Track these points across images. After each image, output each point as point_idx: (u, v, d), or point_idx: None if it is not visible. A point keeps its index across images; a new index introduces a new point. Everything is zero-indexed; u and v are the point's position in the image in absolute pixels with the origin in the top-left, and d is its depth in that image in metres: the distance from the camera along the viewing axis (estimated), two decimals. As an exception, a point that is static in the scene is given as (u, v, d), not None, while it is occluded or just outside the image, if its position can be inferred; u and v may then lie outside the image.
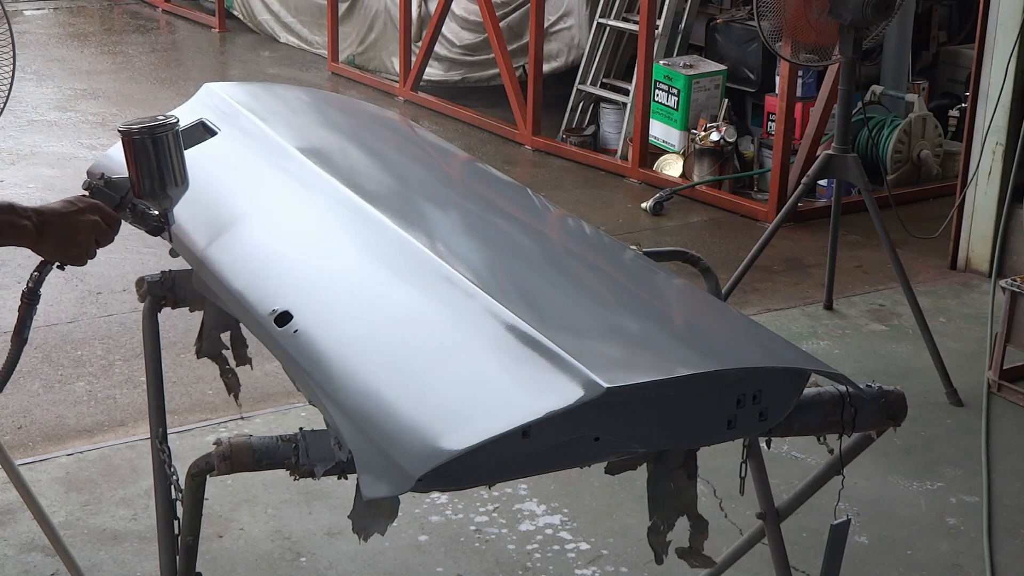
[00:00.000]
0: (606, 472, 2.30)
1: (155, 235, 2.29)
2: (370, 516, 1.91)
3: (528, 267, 2.31)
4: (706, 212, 6.48)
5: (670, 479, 2.24)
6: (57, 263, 2.16)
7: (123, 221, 2.24)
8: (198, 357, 2.88)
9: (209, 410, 4.18)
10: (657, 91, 6.90)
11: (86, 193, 2.21)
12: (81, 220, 2.10)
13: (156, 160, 2.17)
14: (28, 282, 2.21)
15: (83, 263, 2.15)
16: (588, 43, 7.53)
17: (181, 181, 2.22)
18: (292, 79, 8.92)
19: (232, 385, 2.93)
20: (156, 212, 2.25)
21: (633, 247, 2.55)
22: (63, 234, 2.09)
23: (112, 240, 2.17)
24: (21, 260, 5.45)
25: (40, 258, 2.17)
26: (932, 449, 4.06)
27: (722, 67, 6.96)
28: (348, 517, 1.94)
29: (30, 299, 2.22)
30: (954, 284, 5.51)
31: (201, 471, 2.02)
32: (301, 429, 1.95)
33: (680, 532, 2.36)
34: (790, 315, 5.12)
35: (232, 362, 2.89)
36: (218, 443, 1.94)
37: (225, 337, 2.84)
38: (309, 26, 9.90)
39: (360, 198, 2.37)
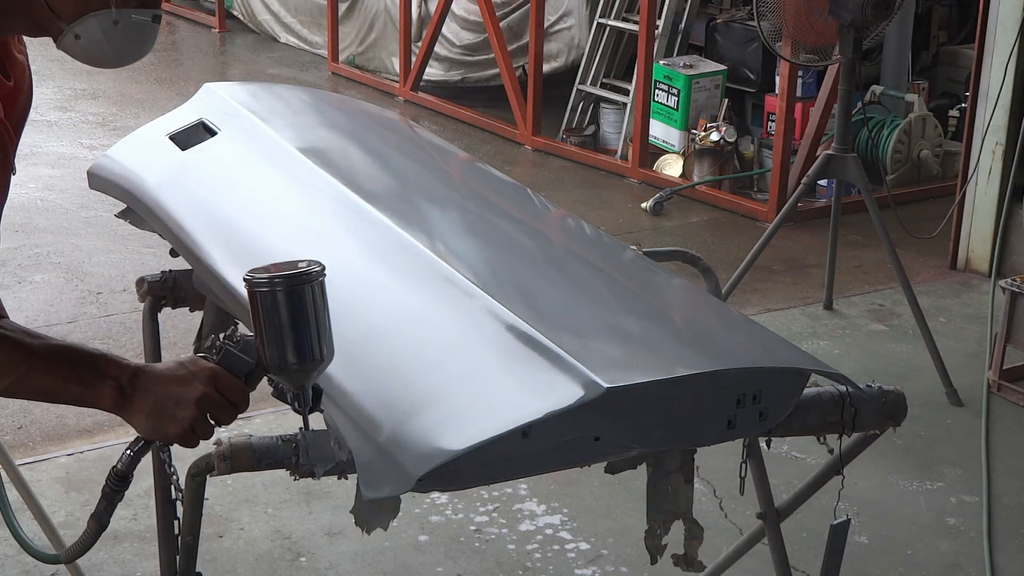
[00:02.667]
0: (606, 472, 2.30)
1: (303, 414, 1.76)
2: (373, 512, 1.91)
3: (528, 267, 2.31)
4: (706, 212, 6.48)
5: (667, 482, 2.24)
6: (156, 441, 1.76)
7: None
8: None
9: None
10: (657, 91, 6.90)
11: (209, 356, 1.73)
12: (184, 391, 1.69)
13: (294, 321, 1.63)
14: (117, 462, 1.80)
15: (191, 444, 1.72)
16: (588, 43, 7.53)
17: (322, 353, 1.67)
18: (292, 79, 8.92)
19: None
20: (290, 390, 1.72)
21: (633, 247, 2.55)
22: (159, 405, 1.70)
23: (236, 415, 1.72)
24: (21, 260, 5.46)
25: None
26: (932, 449, 4.06)
27: (722, 67, 6.96)
28: (351, 512, 1.94)
29: (116, 483, 1.83)
30: (954, 284, 5.51)
31: (201, 471, 2.02)
32: (301, 429, 1.95)
33: (679, 535, 2.36)
34: (790, 315, 5.12)
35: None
36: (218, 443, 1.93)
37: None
38: (309, 26, 9.90)
39: (360, 198, 2.37)
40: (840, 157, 4.60)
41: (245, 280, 1.65)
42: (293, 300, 1.62)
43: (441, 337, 1.97)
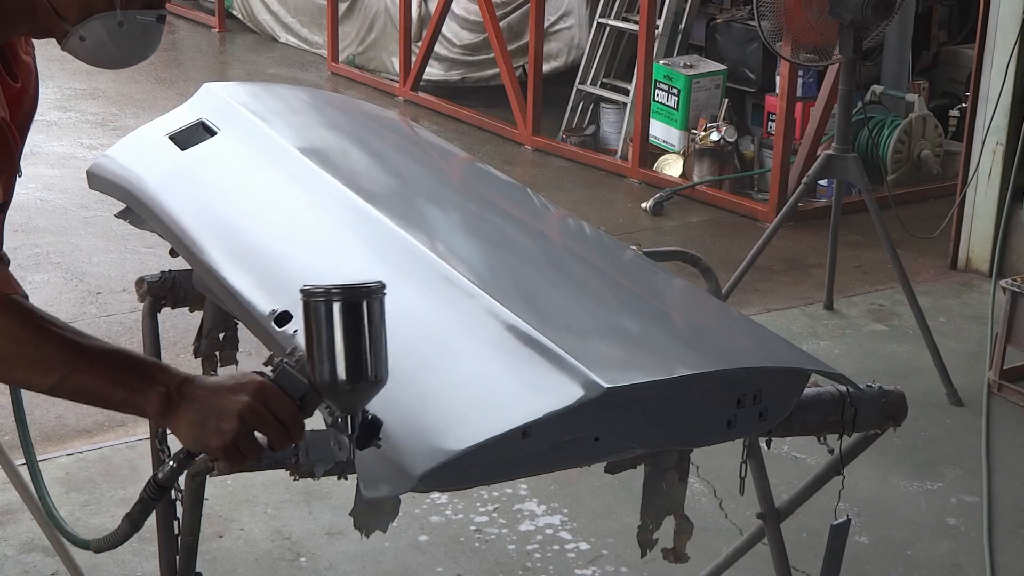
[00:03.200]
0: (606, 472, 2.30)
1: (362, 448, 1.66)
2: (372, 513, 1.91)
3: (528, 267, 2.31)
4: (706, 212, 6.48)
5: (663, 479, 2.24)
6: (199, 455, 1.69)
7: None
8: (196, 356, 2.88)
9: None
10: (657, 91, 6.90)
11: (265, 372, 1.66)
12: (232, 401, 1.62)
13: (344, 337, 1.56)
14: (158, 471, 1.74)
15: (236, 463, 1.65)
16: (588, 43, 7.53)
17: (376, 374, 1.59)
18: (292, 79, 8.92)
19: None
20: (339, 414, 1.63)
21: (633, 247, 2.55)
22: (202, 415, 1.63)
23: (289, 442, 1.65)
24: (21, 260, 5.45)
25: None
26: (932, 449, 4.06)
27: (722, 67, 6.96)
28: (350, 515, 1.94)
29: (155, 492, 1.73)
30: (954, 284, 5.51)
31: (201, 471, 2.01)
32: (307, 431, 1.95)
33: (670, 530, 2.36)
34: (790, 315, 5.12)
35: (219, 364, 2.89)
36: (218, 443, 1.93)
37: (223, 337, 2.84)
38: (309, 26, 9.90)
39: (360, 198, 2.37)
40: (840, 157, 4.60)
41: (302, 291, 1.59)
42: (348, 314, 1.56)
43: (441, 337, 1.97)
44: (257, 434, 1.65)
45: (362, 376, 1.57)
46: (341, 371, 1.57)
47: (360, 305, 1.56)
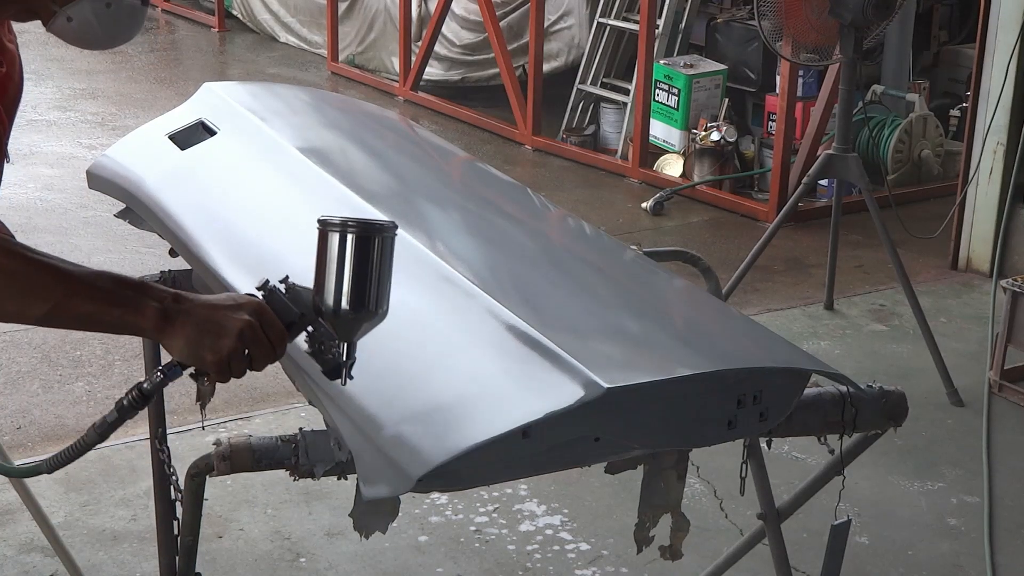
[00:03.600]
0: (606, 472, 2.29)
1: (332, 377, 1.72)
2: (371, 514, 1.91)
3: (528, 267, 2.31)
4: (706, 212, 6.47)
5: (661, 478, 2.24)
6: (191, 369, 1.71)
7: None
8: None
9: (209, 410, 4.16)
10: (657, 91, 6.90)
11: (256, 294, 1.71)
12: (232, 318, 1.66)
13: (357, 269, 1.65)
14: (145, 381, 1.72)
15: (224, 378, 1.68)
16: (588, 43, 7.53)
17: (381, 306, 1.68)
18: (292, 79, 8.92)
19: (204, 393, 2.92)
20: (335, 341, 1.71)
21: (633, 247, 2.55)
22: (203, 330, 1.66)
23: (272, 360, 1.70)
24: (21, 260, 5.45)
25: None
26: (933, 449, 4.06)
27: (722, 67, 6.96)
28: (349, 516, 1.94)
29: (138, 400, 1.72)
30: (955, 284, 5.50)
31: (201, 471, 2.02)
32: (301, 429, 1.95)
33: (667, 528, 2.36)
34: (790, 315, 5.12)
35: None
36: (218, 443, 1.93)
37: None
38: (309, 26, 9.90)
39: (360, 198, 2.37)
40: (841, 157, 4.59)
41: (319, 221, 1.66)
42: (361, 246, 1.64)
43: (441, 337, 1.97)
44: None
45: (364, 306, 1.65)
46: (346, 299, 1.65)
47: (371, 240, 1.65)
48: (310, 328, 1.70)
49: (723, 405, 1.93)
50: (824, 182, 6.04)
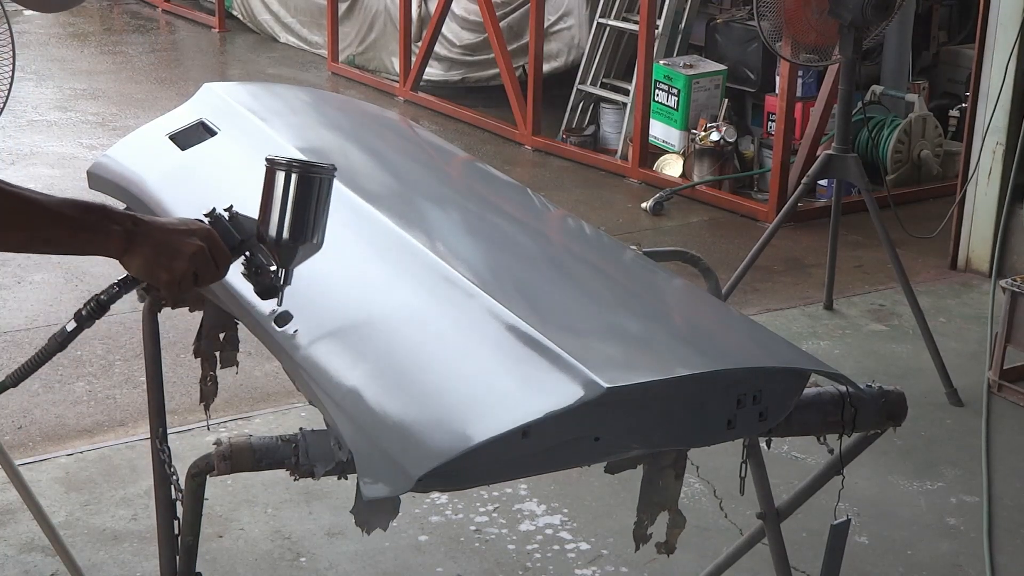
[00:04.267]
0: (606, 472, 2.30)
1: (265, 297, 1.94)
2: (372, 512, 1.91)
3: (528, 267, 2.31)
4: (706, 212, 6.48)
5: (660, 477, 2.25)
6: (144, 284, 1.92)
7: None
8: (196, 356, 2.88)
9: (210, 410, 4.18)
10: (657, 91, 6.90)
11: (203, 220, 1.91)
12: (186, 242, 1.83)
13: (297, 204, 1.86)
14: (102, 293, 1.93)
15: (174, 295, 1.89)
16: (588, 43, 7.53)
17: (315, 236, 1.90)
18: (292, 79, 8.92)
19: (208, 393, 2.93)
20: (274, 267, 1.92)
21: (633, 247, 2.55)
22: (160, 251, 1.83)
23: (216, 280, 1.90)
24: (21, 260, 5.45)
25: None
26: (932, 449, 4.06)
27: (722, 67, 6.96)
28: (351, 512, 1.94)
29: (95, 310, 1.94)
30: (954, 284, 5.51)
31: (201, 471, 2.02)
32: (301, 429, 1.95)
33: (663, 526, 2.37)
34: (790, 315, 5.12)
35: (219, 365, 2.89)
36: (218, 443, 1.94)
37: (223, 338, 2.84)
38: (309, 26, 9.90)
39: (360, 198, 2.37)
40: (840, 157, 4.59)
41: (267, 159, 1.87)
42: (303, 184, 1.85)
43: (441, 337, 1.97)
44: None
45: (303, 237, 1.88)
46: (288, 230, 1.87)
47: (313, 180, 1.86)
48: (248, 253, 1.91)
49: (722, 405, 1.93)
50: (824, 182, 6.05)
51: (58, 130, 7.56)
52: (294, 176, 1.85)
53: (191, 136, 2.73)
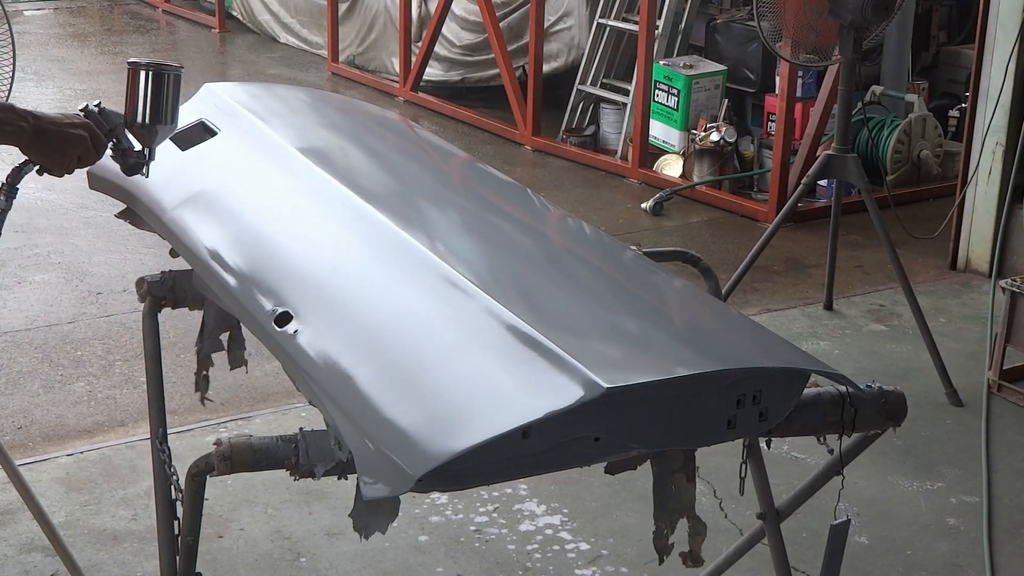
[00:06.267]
0: (606, 472, 2.30)
1: (131, 173, 2.37)
2: (371, 515, 1.91)
3: (528, 267, 2.31)
4: (706, 212, 6.48)
5: (671, 482, 2.24)
6: (39, 167, 2.29)
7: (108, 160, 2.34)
8: (199, 357, 2.88)
9: (209, 410, 4.18)
10: (657, 91, 6.90)
11: (80, 114, 2.33)
12: (73, 134, 2.25)
13: (154, 94, 2.32)
14: (8, 177, 2.32)
15: (61, 174, 2.29)
16: (588, 43, 7.53)
17: (171, 120, 2.36)
18: (292, 79, 8.92)
19: (202, 386, 2.92)
20: (139, 148, 2.35)
21: (633, 247, 2.55)
22: (55, 142, 2.24)
23: (94, 162, 2.32)
24: (21, 260, 5.46)
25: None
26: (932, 449, 4.06)
27: (722, 67, 6.96)
28: (349, 516, 1.94)
29: (8, 192, 2.32)
30: (954, 284, 5.51)
31: (201, 471, 2.02)
32: (301, 429, 1.95)
33: (682, 534, 2.36)
34: (790, 315, 5.12)
35: (228, 364, 2.88)
36: (218, 443, 1.94)
37: (225, 338, 2.84)
38: (309, 26, 9.90)
39: (360, 198, 2.37)
40: (840, 157, 4.60)
41: (129, 63, 2.35)
42: (157, 78, 2.32)
43: (441, 337, 1.97)
44: None
45: (159, 119, 2.33)
46: (146, 114, 2.32)
47: (164, 75, 2.32)
48: (116, 139, 2.33)
49: (723, 405, 1.93)
50: (823, 182, 6.05)
51: (58, 130, 7.55)
52: (151, 73, 2.32)
53: (191, 136, 2.73)
